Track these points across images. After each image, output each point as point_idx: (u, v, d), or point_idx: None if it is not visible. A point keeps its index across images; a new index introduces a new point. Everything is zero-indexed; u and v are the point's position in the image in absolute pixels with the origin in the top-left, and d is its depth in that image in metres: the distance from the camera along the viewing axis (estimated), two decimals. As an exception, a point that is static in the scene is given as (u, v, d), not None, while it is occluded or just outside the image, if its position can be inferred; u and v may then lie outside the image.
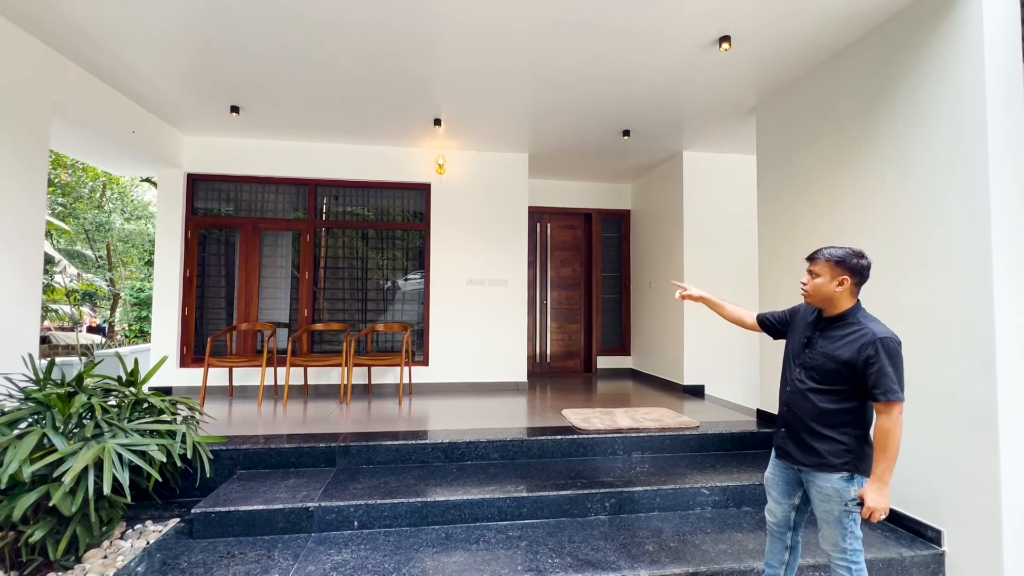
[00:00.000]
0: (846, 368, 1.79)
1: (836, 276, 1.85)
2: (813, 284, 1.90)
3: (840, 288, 1.85)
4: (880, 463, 1.73)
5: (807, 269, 1.95)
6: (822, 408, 1.85)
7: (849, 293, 1.86)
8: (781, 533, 2.10)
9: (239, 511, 2.70)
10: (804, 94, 3.72)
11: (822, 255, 1.89)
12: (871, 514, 1.73)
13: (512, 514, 2.91)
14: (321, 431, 3.71)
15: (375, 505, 2.80)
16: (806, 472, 1.90)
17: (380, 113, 4.55)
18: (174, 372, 5.12)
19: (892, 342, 1.74)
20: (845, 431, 1.82)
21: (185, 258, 5.24)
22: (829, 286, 1.86)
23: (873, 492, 1.73)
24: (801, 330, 2.00)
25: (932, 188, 2.71)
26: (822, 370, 1.86)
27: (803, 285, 1.95)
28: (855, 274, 1.84)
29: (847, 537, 1.82)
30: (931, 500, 2.68)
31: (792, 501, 2.04)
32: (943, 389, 2.63)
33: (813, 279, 1.91)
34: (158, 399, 2.74)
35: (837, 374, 1.81)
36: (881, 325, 1.81)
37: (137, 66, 3.68)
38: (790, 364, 2.00)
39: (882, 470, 1.72)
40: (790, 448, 1.95)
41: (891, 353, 1.73)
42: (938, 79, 2.70)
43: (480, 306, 5.64)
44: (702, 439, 3.74)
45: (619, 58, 3.50)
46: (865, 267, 1.85)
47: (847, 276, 1.84)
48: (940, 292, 2.65)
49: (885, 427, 1.72)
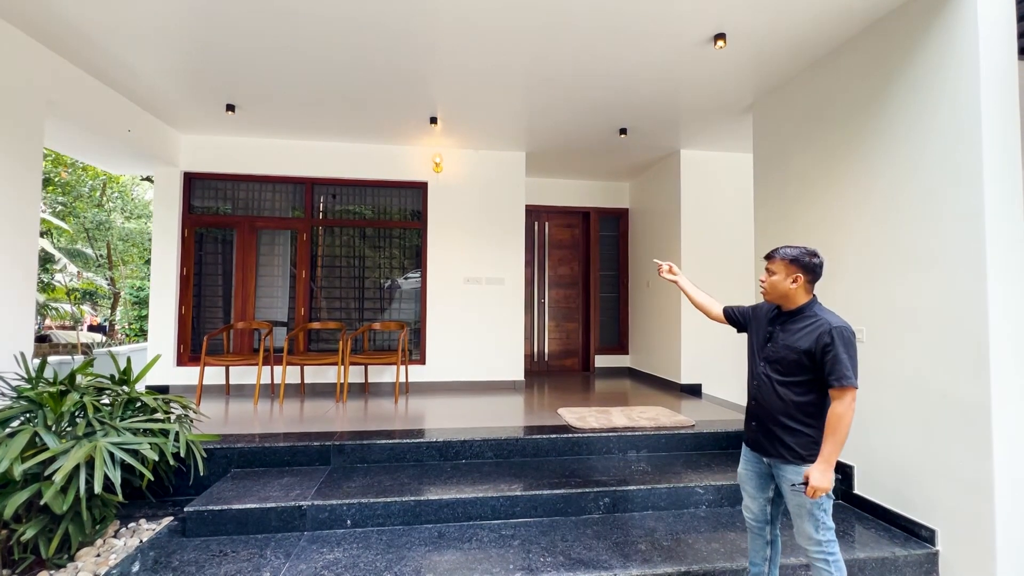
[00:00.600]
0: (806, 357, 1.88)
1: (791, 274, 1.95)
2: (770, 281, 2.01)
3: (794, 285, 1.95)
4: (828, 445, 1.81)
5: (765, 267, 2.04)
6: (788, 400, 1.93)
7: (803, 289, 1.96)
8: (760, 528, 2.13)
9: (232, 509, 2.70)
10: (800, 92, 3.70)
11: (778, 254, 1.99)
12: (814, 492, 1.81)
13: (506, 513, 2.91)
14: (316, 430, 3.71)
15: (368, 504, 2.80)
16: (776, 465, 1.97)
17: (376, 111, 4.55)
18: (171, 371, 5.12)
19: (847, 331, 1.84)
20: (811, 423, 1.90)
21: (182, 257, 5.25)
22: (784, 283, 1.96)
23: (818, 472, 1.81)
24: (763, 326, 2.09)
25: (927, 186, 2.70)
26: (785, 362, 1.94)
27: (761, 283, 2.05)
28: (808, 271, 1.94)
29: (820, 529, 1.88)
30: (925, 499, 2.68)
31: (767, 495, 2.09)
32: (937, 388, 2.62)
33: (770, 277, 2.01)
34: (151, 398, 2.74)
35: (799, 364, 1.90)
36: (836, 316, 1.90)
37: (132, 64, 3.67)
38: (755, 359, 2.09)
39: (829, 452, 1.81)
40: (761, 440, 2.01)
41: (846, 341, 1.82)
42: (933, 76, 2.68)
43: (477, 305, 5.64)
44: (697, 438, 3.73)
45: (614, 56, 3.49)
46: (817, 265, 1.96)
47: (800, 273, 1.94)
48: (934, 291, 2.64)
49: (838, 411, 1.81)
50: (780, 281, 1.97)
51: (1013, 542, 2.35)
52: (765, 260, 2.05)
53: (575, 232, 7.12)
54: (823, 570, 1.90)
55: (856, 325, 3.12)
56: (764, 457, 2.01)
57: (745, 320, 2.23)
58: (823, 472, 1.81)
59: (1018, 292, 2.43)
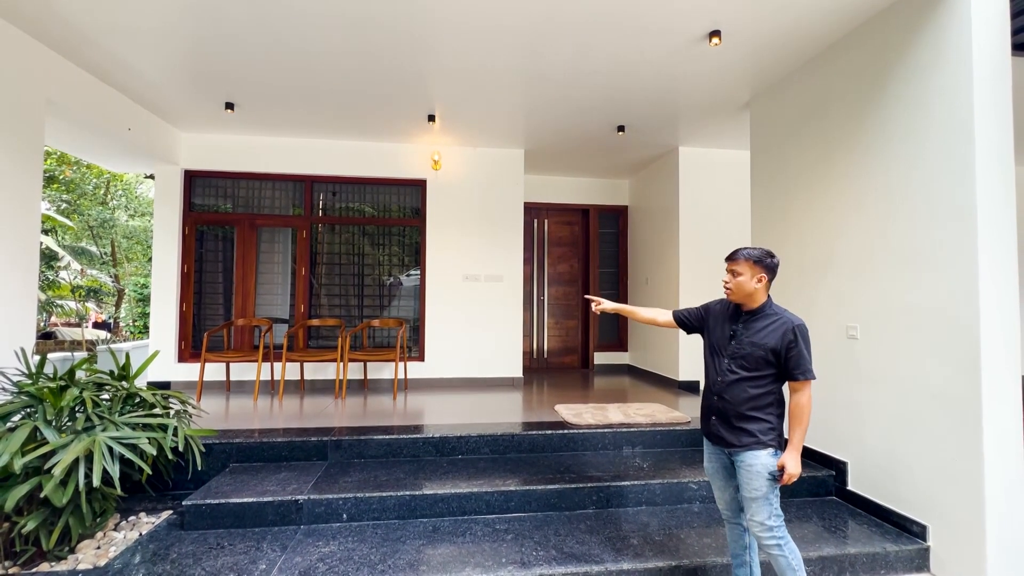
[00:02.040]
0: (772, 354, 1.98)
1: (755, 274, 2.03)
2: (736, 282, 2.07)
3: (759, 285, 2.04)
4: (797, 433, 1.96)
5: (727, 268, 2.11)
6: (752, 393, 2.02)
7: (765, 288, 2.06)
8: (734, 517, 2.21)
9: (229, 503, 2.73)
10: (796, 90, 3.70)
11: (741, 255, 2.06)
12: (790, 478, 1.94)
13: (500, 508, 2.94)
14: (315, 425, 3.74)
15: (364, 498, 2.83)
16: (736, 453, 2.06)
17: (374, 109, 4.57)
18: (172, 367, 5.17)
19: (805, 328, 1.98)
20: (770, 411, 2.02)
21: (183, 254, 5.29)
22: (750, 283, 2.04)
23: (791, 460, 1.95)
24: (721, 324, 2.16)
25: (919, 185, 2.70)
26: (751, 358, 2.02)
27: (726, 283, 2.11)
28: (770, 272, 2.05)
29: (772, 515, 1.98)
30: (916, 496, 2.69)
31: (734, 482, 2.17)
32: (930, 386, 2.62)
33: (736, 278, 2.07)
34: (149, 393, 2.77)
35: (765, 360, 2.00)
36: (792, 314, 2.03)
37: (132, 63, 3.71)
38: (717, 356, 2.15)
39: (799, 440, 1.96)
40: (722, 433, 2.09)
41: (806, 338, 1.97)
42: (928, 73, 2.68)
43: (476, 302, 5.66)
44: (692, 434, 3.75)
45: (610, 53, 3.50)
46: (776, 265, 2.07)
47: (764, 274, 2.03)
48: (927, 289, 2.65)
49: (802, 402, 1.96)
50: (746, 281, 2.04)
51: (1003, 538, 2.36)
52: (728, 261, 2.11)
53: (574, 229, 7.13)
54: (778, 556, 1.98)
55: (850, 322, 3.13)
56: (726, 448, 2.09)
57: (699, 322, 2.28)
58: (795, 459, 1.95)
59: (1010, 291, 2.43)
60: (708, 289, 5.48)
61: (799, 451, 1.96)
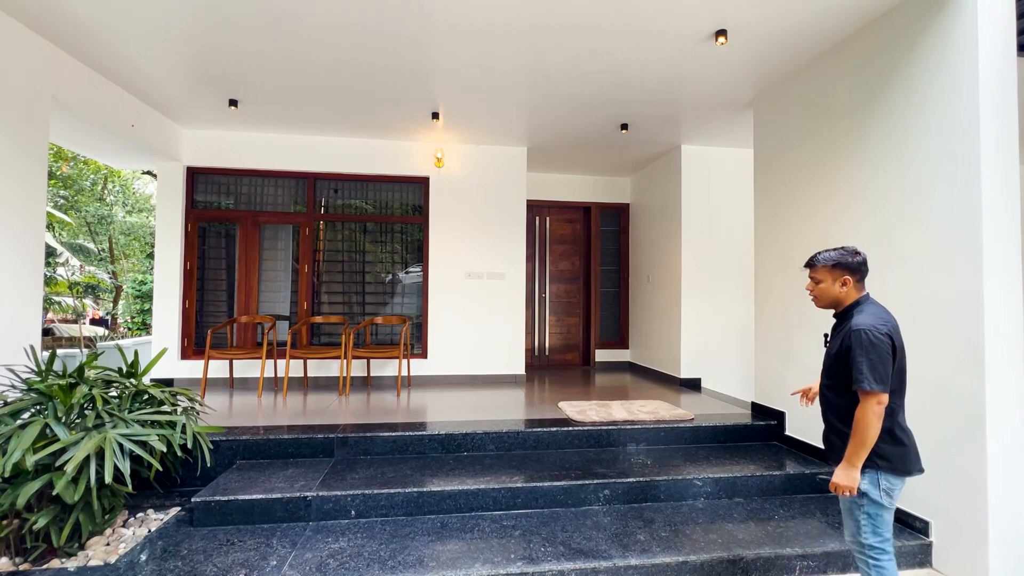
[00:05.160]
0: (838, 361, 1.88)
1: (837, 278, 1.93)
2: (818, 290, 1.99)
3: (844, 288, 1.93)
4: (851, 446, 1.80)
5: (809, 276, 2.03)
6: (838, 404, 1.91)
7: (855, 289, 1.94)
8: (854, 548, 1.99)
9: (238, 500, 2.75)
10: (800, 88, 3.72)
11: (819, 261, 1.97)
12: (834, 488, 1.82)
13: (507, 504, 2.96)
14: (320, 422, 3.76)
15: (372, 495, 2.85)
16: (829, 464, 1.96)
17: (378, 107, 4.56)
18: (175, 364, 5.18)
19: (865, 332, 1.78)
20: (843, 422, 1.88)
21: (185, 251, 5.28)
22: (834, 288, 1.95)
23: (839, 470, 1.82)
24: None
25: (925, 183, 2.73)
26: (828, 367, 1.95)
27: (809, 292, 2.03)
28: (854, 271, 1.92)
29: (862, 531, 1.86)
30: (919, 492, 2.72)
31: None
32: (933, 384, 2.65)
33: (817, 285, 1.99)
34: (158, 390, 2.78)
35: (835, 369, 1.90)
36: (866, 315, 1.85)
37: (135, 60, 3.69)
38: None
39: (851, 453, 1.80)
40: (827, 451, 2.02)
41: (861, 343, 1.78)
42: (933, 72, 2.70)
43: (479, 299, 5.67)
44: (696, 431, 3.78)
45: (614, 52, 3.51)
46: (861, 263, 1.93)
47: (847, 275, 1.92)
48: (930, 287, 2.67)
49: (858, 415, 1.78)
50: (829, 287, 1.95)
51: (1005, 534, 2.39)
52: (807, 269, 2.02)
53: (576, 227, 7.14)
54: (863, 572, 1.89)
55: (854, 320, 3.15)
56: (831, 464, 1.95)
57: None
58: (843, 470, 1.81)
59: (1014, 289, 2.46)
60: (710, 287, 5.51)
61: (852, 464, 1.79)
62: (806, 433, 3.57)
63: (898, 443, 1.83)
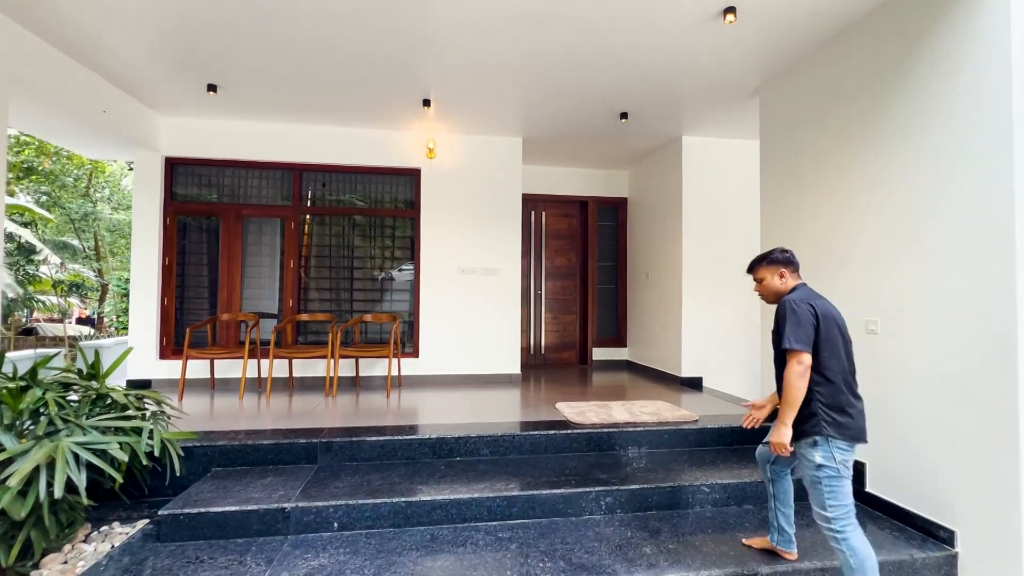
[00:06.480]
0: (774, 335, 2.09)
1: (775, 272, 2.18)
2: (762, 287, 2.23)
3: (783, 280, 2.18)
4: (780, 406, 2.02)
5: (753, 279, 2.26)
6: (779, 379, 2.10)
7: (791, 278, 2.18)
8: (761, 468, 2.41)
9: (210, 513, 2.52)
10: (810, 74, 3.53)
11: (757, 262, 2.24)
12: (773, 448, 2.03)
13: (502, 514, 2.75)
14: (303, 426, 3.54)
15: (356, 505, 2.64)
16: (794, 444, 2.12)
17: (365, 92, 4.33)
18: (154, 364, 4.93)
19: (788, 302, 2.04)
20: (807, 401, 2.01)
21: (164, 246, 5.03)
22: (774, 281, 2.19)
23: (772, 430, 2.04)
24: None
25: (948, 170, 2.54)
26: (774, 347, 2.14)
27: (758, 292, 2.26)
28: (787, 264, 2.18)
29: (826, 505, 1.99)
30: (944, 499, 2.54)
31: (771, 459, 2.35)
32: (958, 383, 2.47)
33: (761, 284, 2.23)
34: (121, 393, 2.55)
35: (775, 343, 2.10)
36: (793, 294, 2.09)
37: (106, 39, 3.45)
38: None
39: (780, 412, 2.02)
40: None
41: (785, 311, 2.02)
42: (956, 51, 2.51)
43: (472, 296, 5.46)
44: (701, 433, 3.59)
45: (614, 33, 3.30)
46: (790, 257, 2.19)
47: (782, 268, 2.18)
48: (956, 281, 2.49)
49: (784, 375, 2.00)
50: (770, 281, 2.19)
51: (1039, 545, 2.22)
52: (749, 273, 2.27)
53: (573, 222, 6.94)
54: (835, 548, 1.99)
55: (869, 316, 2.98)
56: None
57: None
58: (775, 429, 2.02)
59: (1048, 281, 2.28)
60: (712, 284, 5.33)
61: (783, 422, 1.99)
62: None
63: (847, 416, 2.00)
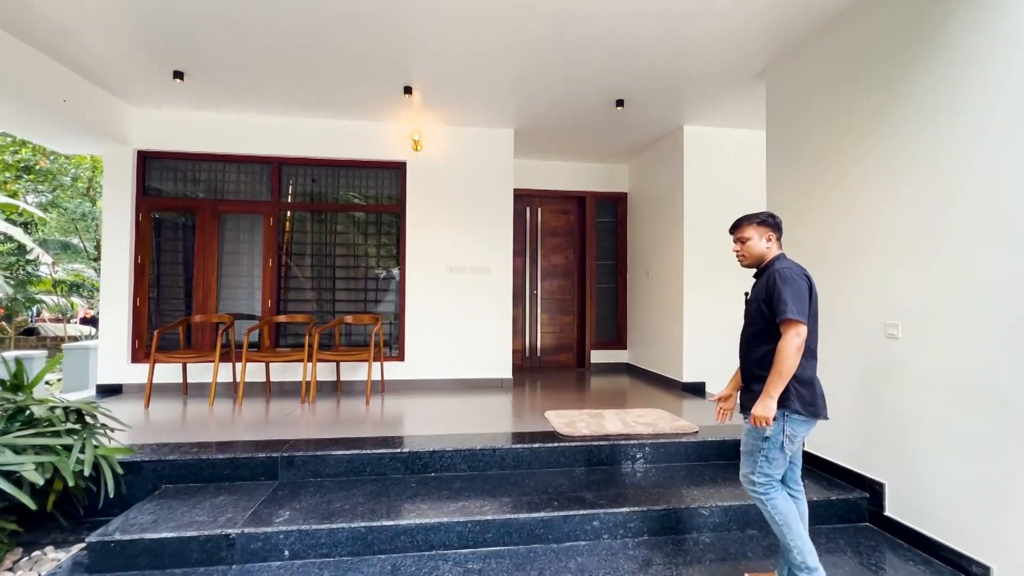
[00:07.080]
0: (765, 305, 1.96)
1: (763, 234, 2.07)
2: (746, 247, 2.09)
3: (769, 244, 2.07)
4: (770, 377, 1.88)
5: (735, 238, 2.12)
6: (757, 352, 2.00)
7: (776, 246, 2.08)
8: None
9: (145, 540, 2.26)
10: (820, 53, 3.20)
11: (744, 221, 2.10)
12: (754, 420, 1.90)
13: (474, 540, 2.47)
14: (271, 436, 3.28)
15: (310, 531, 2.36)
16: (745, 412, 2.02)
17: (341, 79, 4.05)
18: (125, 368, 4.69)
19: (787, 270, 1.94)
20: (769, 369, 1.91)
21: (136, 244, 4.78)
22: (760, 244, 2.07)
23: (758, 403, 1.90)
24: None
25: (977, 157, 2.21)
26: (749, 313, 2.07)
27: (737, 253, 2.12)
28: (776, 229, 2.08)
29: (756, 470, 1.98)
30: (977, 529, 2.22)
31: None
32: (989, 397, 2.15)
33: (745, 244, 2.09)
34: (44, 407, 2.29)
35: (759, 312, 2.00)
36: (785, 263, 2.00)
37: (61, 21, 3.20)
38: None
39: (770, 384, 1.88)
40: (749, 399, 2.03)
41: (783, 278, 1.91)
42: (987, 17, 2.19)
43: (461, 296, 5.18)
44: (701, 447, 3.29)
45: (611, 9, 3.00)
46: (780, 223, 2.10)
47: (771, 232, 2.07)
48: (987, 280, 2.17)
49: (780, 345, 1.87)
50: (756, 243, 2.06)
51: (1093, 588, 1.90)
52: (732, 232, 2.13)
53: (569, 218, 6.64)
54: (762, 510, 2.00)
55: (889, 319, 2.66)
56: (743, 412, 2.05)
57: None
58: (761, 402, 1.89)
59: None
60: (716, 282, 5.01)
61: (771, 395, 1.87)
62: (831, 448, 3.07)
63: (812, 390, 1.96)
